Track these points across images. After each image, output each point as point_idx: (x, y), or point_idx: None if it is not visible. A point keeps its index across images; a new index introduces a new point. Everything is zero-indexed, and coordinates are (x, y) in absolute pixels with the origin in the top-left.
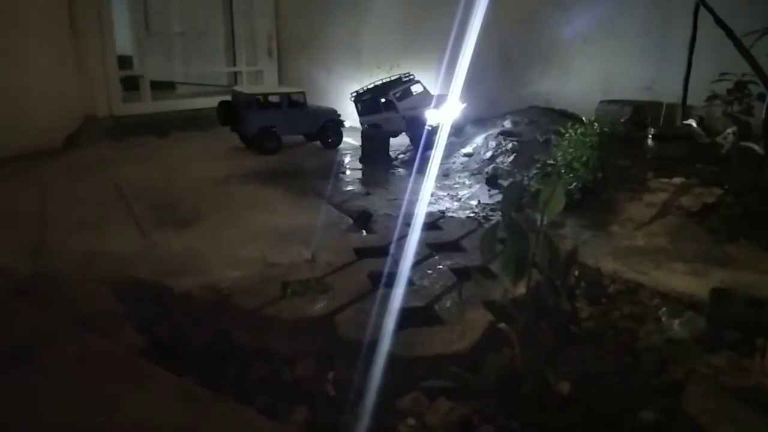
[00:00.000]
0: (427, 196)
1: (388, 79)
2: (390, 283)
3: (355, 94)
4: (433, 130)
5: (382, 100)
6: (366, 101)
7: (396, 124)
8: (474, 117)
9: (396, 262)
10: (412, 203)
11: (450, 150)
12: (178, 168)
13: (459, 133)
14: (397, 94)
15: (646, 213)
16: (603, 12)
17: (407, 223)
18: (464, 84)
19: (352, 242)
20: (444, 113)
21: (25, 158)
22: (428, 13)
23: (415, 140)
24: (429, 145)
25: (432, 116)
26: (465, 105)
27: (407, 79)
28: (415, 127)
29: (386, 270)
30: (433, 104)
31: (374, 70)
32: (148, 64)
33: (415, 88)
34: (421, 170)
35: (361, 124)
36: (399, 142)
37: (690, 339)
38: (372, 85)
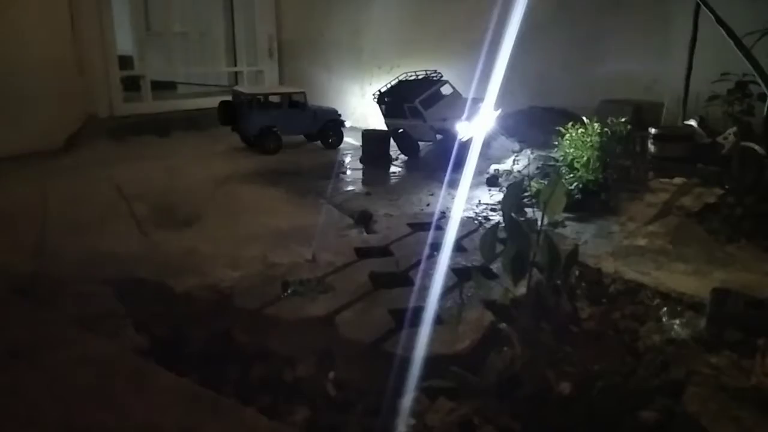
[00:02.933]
0: (428, 196)
1: (414, 76)
2: (390, 283)
3: (378, 93)
4: (465, 146)
5: (407, 105)
6: (390, 103)
7: (424, 134)
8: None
9: (396, 262)
10: (413, 203)
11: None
12: (179, 168)
13: (490, 146)
14: (424, 101)
15: (646, 213)
16: (605, 12)
17: (408, 223)
18: (474, 85)
19: (352, 242)
20: (477, 126)
21: (25, 158)
22: (429, 13)
23: (444, 155)
24: (459, 164)
25: (464, 129)
26: (500, 111)
27: (434, 78)
28: (445, 140)
29: (386, 270)
30: (466, 110)
31: (375, 70)
32: (149, 64)
33: (444, 90)
34: (423, 170)
35: (387, 126)
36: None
37: (690, 339)
38: (396, 81)
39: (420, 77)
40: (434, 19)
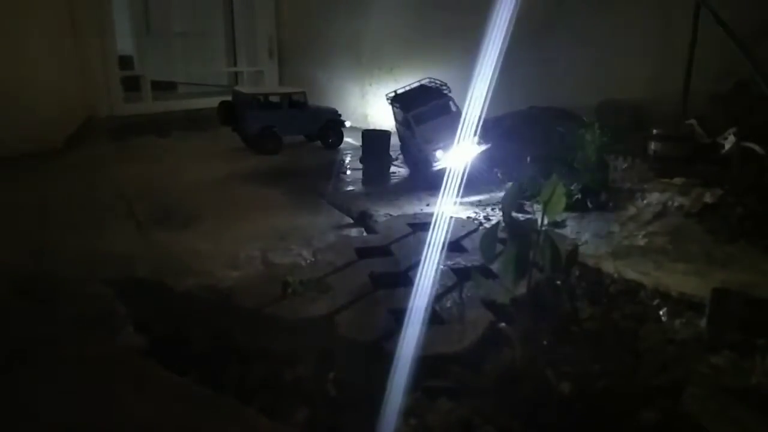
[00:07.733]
0: (427, 196)
1: (435, 84)
2: (390, 283)
3: (392, 94)
4: (439, 175)
5: (405, 114)
6: (398, 109)
7: (413, 148)
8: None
9: (396, 262)
10: (413, 203)
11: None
12: (179, 168)
13: (479, 184)
14: (417, 115)
15: (646, 213)
16: (605, 12)
17: (407, 223)
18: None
19: (352, 242)
20: (455, 156)
21: (25, 158)
22: (429, 14)
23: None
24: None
25: (441, 157)
26: (489, 146)
27: (441, 92)
28: (423, 165)
29: (386, 270)
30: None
31: (375, 70)
32: (149, 64)
33: (447, 107)
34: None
35: (397, 129)
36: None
37: (690, 339)
38: (417, 84)
39: (436, 86)
40: (434, 20)
